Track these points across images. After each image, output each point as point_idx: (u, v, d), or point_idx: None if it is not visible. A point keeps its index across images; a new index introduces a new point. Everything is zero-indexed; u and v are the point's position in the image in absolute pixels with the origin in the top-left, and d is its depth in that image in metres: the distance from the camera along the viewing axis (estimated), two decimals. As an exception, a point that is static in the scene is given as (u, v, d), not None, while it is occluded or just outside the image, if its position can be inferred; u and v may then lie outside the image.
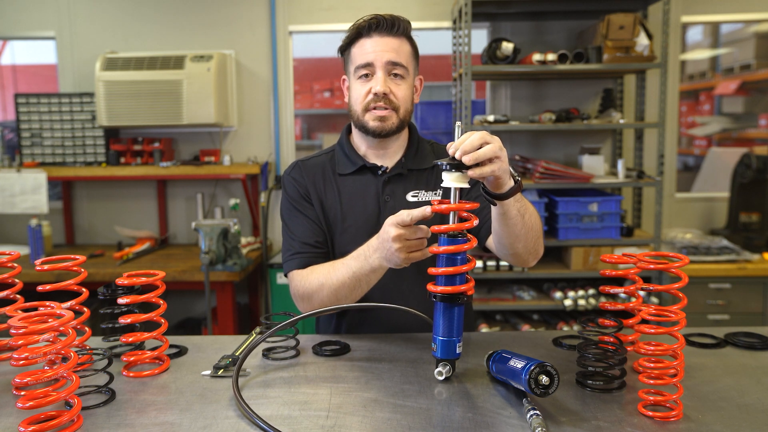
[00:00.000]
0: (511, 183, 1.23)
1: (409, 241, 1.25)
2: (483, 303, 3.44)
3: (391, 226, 1.26)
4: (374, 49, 1.48)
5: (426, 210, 1.21)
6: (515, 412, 1.09)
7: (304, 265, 1.52)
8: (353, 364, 1.33)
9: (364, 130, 1.54)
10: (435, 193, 1.57)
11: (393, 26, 1.49)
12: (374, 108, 1.50)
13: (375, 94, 1.48)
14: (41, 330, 1.00)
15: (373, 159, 1.59)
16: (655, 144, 3.62)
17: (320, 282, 1.44)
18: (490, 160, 1.15)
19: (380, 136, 1.53)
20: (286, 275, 1.56)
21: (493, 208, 1.30)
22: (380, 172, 1.57)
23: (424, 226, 1.26)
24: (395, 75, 1.49)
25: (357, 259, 1.38)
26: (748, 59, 4.83)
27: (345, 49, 1.56)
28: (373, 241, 1.35)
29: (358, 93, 1.52)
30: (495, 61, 3.38)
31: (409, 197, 1.56)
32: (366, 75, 1.50)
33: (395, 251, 1.26)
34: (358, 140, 1.61)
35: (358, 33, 1.51)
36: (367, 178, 1.58)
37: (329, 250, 1.57)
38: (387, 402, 1.13)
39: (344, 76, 1.60)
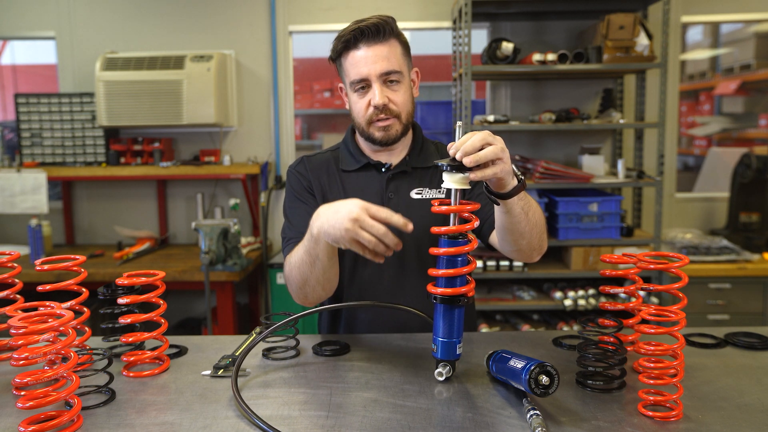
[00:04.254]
0: (515, 183, 1.22)
1: (363, 232, 1.18)
2: (483, 303, 3.44)
3: (358, 207, 1.18)
4: (366, 62, 1.45)
5: (408, 225, 1.17)
6: (515, 412, 1.09)
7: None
8: (353, 364, 1.33)
9: (371, 140, 1.53)
10: (439, 191, 1.57)
11: (379, 32, 1.45)
12: (377, 120, 1.48)
13: (375, 107, 1.47)
14: (41, 330, 1.00)
15: (378, 157, 1.59)
16: (655, 144, 3.62)
17: (290, 262, 1.41)
18: (492, 162, 1.14)
19: (387, 144, 1.53)
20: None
21: (496, 206, 1.29)
22: (384, 169, 1.57)
23: (389, 234, 1.18)
24: (391, 82, 1.47)
25: (307, 231, 1.33)
26: (748, 59, 4.83)
27: (335, 58, 1.53)
28: (322, 208, 1.27)
29: (358, 107, 1.50)
30: (495, 61, 3.38)
31: (413, 194, 1.56)
32: (363, 87, 1.48)
33: (343, 229, 1.18)
34: (363, 141, 1.61)
35: (345, 46, 1.48)
36: (371, 175, 1.58)
37: None
38: (387, 402, 1.13)
39: (340, 84, 1.58)
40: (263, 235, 3.84)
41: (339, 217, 1.20)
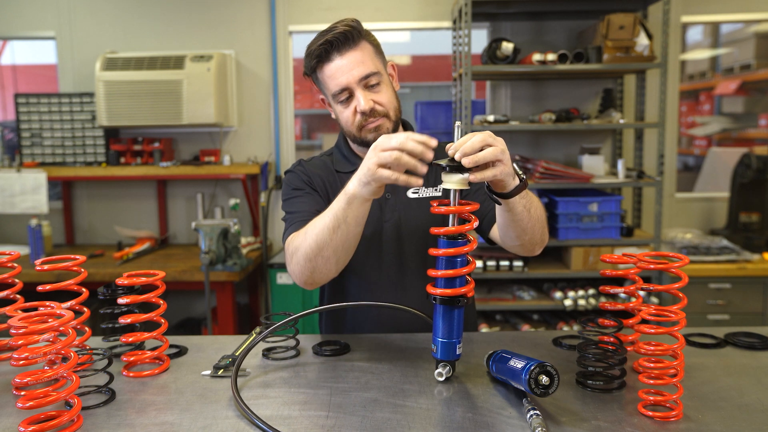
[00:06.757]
0: (516, 183, 1.21)
1: (386, 152, 1.15)
2: (483, 303, 3.44)
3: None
4: (342, 71, 1.43)
5: (432, 142, 1.14)
6: (515, 412, 1.09)
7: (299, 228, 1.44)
8: (353, 364, 1.33)
9: (365, 144, 1.51)
10: (435, 189, 1.56)
11: (347, 39, 1.43)
12: (366, 124, 1.47)
13: (362, 113, 1.45)
14: (41, 330, 1.00)
15: None
16: (655, 144, 3.62)
17: (304, 230, 1.35)
18: (492, 164, 1.13)
19: None
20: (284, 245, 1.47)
21: (497, 205, 1.28)
22: None
23: (409, 141, 1.14)
24: (371, 84, 1.45)
25: (337, 196, 1.31)
26: (748, 59, 4.84)
27: (310, 74, 1.51)
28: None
29: (345, 116, 1.49)
30: (495, 61, 3.38)
31: (410, 194, 1.55)
32: (346, 98, 1.46)
33: (370, 163, 1.17)
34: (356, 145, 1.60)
35: (318, 60, 1.46)
36: None
37: None
38: (387, 402, 1.13)
39: (321, 96, 1.56)
40: (263, 235, 3.84)
41: (364, 160, 1.20)
